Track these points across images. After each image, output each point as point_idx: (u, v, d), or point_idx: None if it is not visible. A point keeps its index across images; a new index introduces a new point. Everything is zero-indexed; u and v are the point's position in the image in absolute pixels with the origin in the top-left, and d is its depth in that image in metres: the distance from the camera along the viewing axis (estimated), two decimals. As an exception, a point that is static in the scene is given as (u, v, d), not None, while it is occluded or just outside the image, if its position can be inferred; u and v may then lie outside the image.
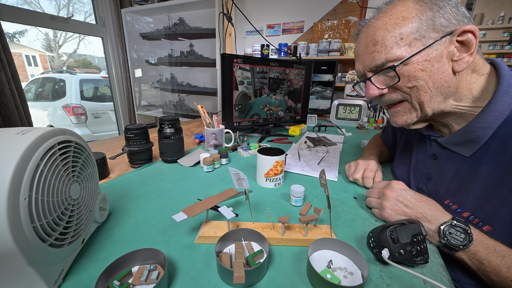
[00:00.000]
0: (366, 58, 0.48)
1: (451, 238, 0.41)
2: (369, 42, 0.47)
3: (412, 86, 0.45)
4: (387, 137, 0.85)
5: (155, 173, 0.71)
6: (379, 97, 0.51)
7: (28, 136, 0.29)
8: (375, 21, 0.47)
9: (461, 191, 0.49)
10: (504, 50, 1.86)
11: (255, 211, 0.53)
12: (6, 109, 1.52)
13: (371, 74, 0.49)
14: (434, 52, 0.42)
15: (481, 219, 0.46)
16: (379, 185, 0.57)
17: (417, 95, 0.46)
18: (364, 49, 0.49)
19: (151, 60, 2.65)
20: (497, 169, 0.44)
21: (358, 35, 0.51)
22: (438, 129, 0.56)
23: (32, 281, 0.29)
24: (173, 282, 0.34)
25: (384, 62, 0.45)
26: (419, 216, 0.45)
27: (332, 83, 1.70)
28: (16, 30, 6.55)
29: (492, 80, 0.46)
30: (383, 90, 0.49)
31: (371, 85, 0.50)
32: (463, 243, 0.40)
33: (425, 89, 0.45)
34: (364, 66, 0.50)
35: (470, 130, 0.47)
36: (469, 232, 0.40)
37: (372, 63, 0.47)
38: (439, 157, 0.55)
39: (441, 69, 0.43)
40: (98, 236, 0.44)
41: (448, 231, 0.41)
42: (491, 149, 0.45)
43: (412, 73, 0.44)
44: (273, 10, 2.29)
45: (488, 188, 0.45)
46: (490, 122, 0.44)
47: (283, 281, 0.35)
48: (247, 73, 1.05)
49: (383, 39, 0.45)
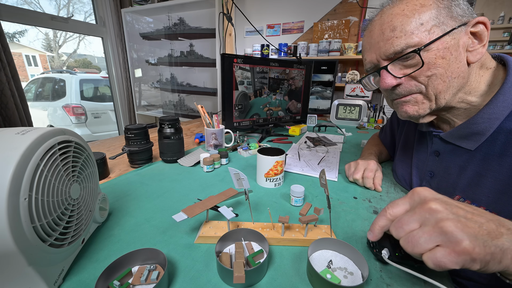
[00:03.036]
0: (383, 45, 0.46)
1: None
2: (386, 29, 0.45)
3: (431, 75, 0.44)
4: (385, 137, 0.85)
5: (155, 173, 0.71)
6: (391, 90, 0.49)
7: (28, 136, 0.29)
8: (390, 8, 0.45)
9: (472, 185, 0.48)
10: (504, 50, 1.85)
11: (255, 211, 0.53)
12: (6, 109, 1.52)
13: (387, 63, 0.47)
14: (452, 40, 0.42)
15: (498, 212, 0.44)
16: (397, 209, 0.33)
17: (435, 84, 0.44)
18: (379, 36, 0.46)
19: (151, 60, 2.65)
20: (508, 159, 0.43)
21: (370, 24, 0.49)
22: (439, 126, 0.56)
23: (32, 281, 0.29)
24: (173, 282, 0.34)
25: (404, 47, 0.43)
26: (491, 230, 0.27)
27: (332, 83, 1.70)
28: (16, 30, 6.55)
29: (499, 74, 0.46)
30: (400, 79, 0.46)
31: (387, 74, 0.47)
32: None
33: (444, 78, 0.43)
34: (379, 54, 0.47)
35: (476, 121, 0.46)
36: None
37: (391, 49, 0.45)
38: (442, 153, 0.54)
39: (458, 58, 0.43)
40: (98, 236, 0.44)
41: None
42: (499, 140, 0.44)
43: (433, 60, 0.42)
44: (273, 10, 2.29)
45: (501, 180, 0.44)
46: (498, 113, 0.44)
47: (283, 281, 0.35)
48: (247, 73, 1.05)
49: (402, 24, 0.43)
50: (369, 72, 0.53)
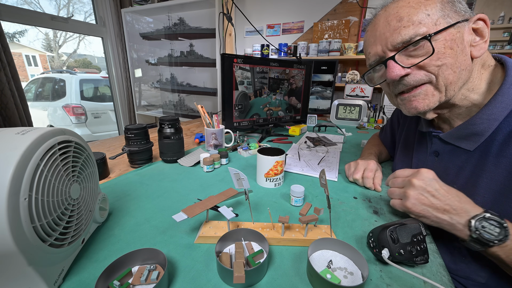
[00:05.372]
0: (389, 35, 0.45)
1: (484, 233, 0.37)
2: (392, 20, 0.45)
3: (442, 64, 0.43)
4: (386, 137, 0.85)
5: (155, 173, 0.71)
6: (398, 81, 0.48)
7: (28, 136, 0.29)
8: (395, 2, 0.46)
9: (468, 186, 0.49)
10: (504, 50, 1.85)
11: (255, 211, 0.53)
12: (6, 109, 1.52)
13: (394, 53, 0.46)
14: (457, 33, 0.43)
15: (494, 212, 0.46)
16: (404, 173, 0.50)
17: (445, 74, 0.44)
18: (384, 27, 0.46)
19: (151, 60, 2.65)
20: (504, 160, 0.43)
21: (374, 18, 0.50)
22: (439, 126, 0.56)
23: (32, 281, 0.29)
24: (173, 282, 0.34)
25: (413, 36, 0.43)
26: (447, 208, 0.41)
27: (332, 83, 1.70)
28: (16, 30, 6.55)
29: (498, 73, 0.47)
30: (409, 69, 0.46)
31: (394, 64, 0.46)
32: (498, 238, 0.36)
33: (454, 68, 0.43)
34: (385, 45, 0.47)
35: (475, 122, 0.47)
36: (505, 225, 0.37)
37: (398, 38, 0.44)
38: (441, 153, 0.55)
39: (464, 51, 0.44)
40: (98, 236, 0.44)
41: (480, 225, 0.38)
42: (496, 141, 0.45)
43: (442, 49, 0.43)
44: (273, 10, 2.29)
45: (498, 180, 0.44)
46: (496, 114, 0.44)
47: (283, 281, 0.35)
48: (247, 73, 1.05)
49: (409, 15, 0.43)
50: (373, 65, 0.52)
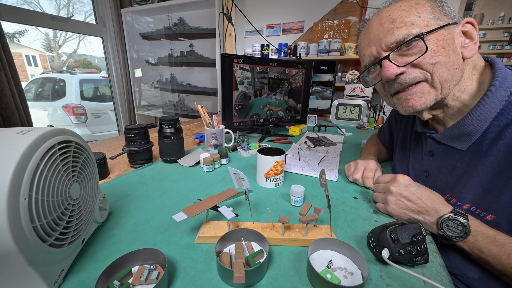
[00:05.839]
0: (383, 36, 0.47)
1: (447, 230, 0.43)
2: (385, 22, 0.47)
3: (435, 62, 0.45)
4: (384, 136, 0.86)
5: (155, 173, 0.71)
6: (393, 80, 0.49)
7: (28, 136, 0.29)
8: (387, 7, 0.48)
9: (459, 184, 0.50)
10: (504, 50, 1.86)
11: (255, 211, 0.53)
12: (6, 109, 1.52)
13: (388, 53, 0.48)
14: (448, 34, 0.45)
15: (484, 209, 0.47)
16: (384, 178, 0.56)
17: (440, 72, 0.45)
18: (378, 29, 0.48)
19: (151, 60, 2.65)
20: (493, 159, 0.45)
21: (367, 23, 0.51)
22: (433, 127, 0.58)
23: (32, 281, 0.29)
24: (173, 282, 0.34)
25: (406, 36, 0.45)
26: (421, 210, 0.47)
27: (332, 83, 1.70)
28: (16, 30, 6.54)
29: (487, 74, 0.48)
30: (403, 68, 0.47)
31: (389, 64, 0.47)
32: (460, 235, 0.42)
33: (448, 66, 0.45)
34: (379, 46, 0.48)
35: (466, 123, 0.48)
36: (466, 224, 0.42)
37: (392, 39, 0.46)
38: (436, 153, 0.56)
39: (456, 51, 0.46)
40: (98, 236, 0.44)
41: (445, 224, 0.43)
42: (486, 140, 0.46)
43: (435, 48, 0.44)
44: (273, 10, 2.29)
45: (486, 178, 0.46)
46: (486, 114, 0.46)
47: (283, 281, 0.35)
48: (247, 73, 1.05)
49: (401, 17, 0.45)
50: (368, 66, 0.53)
